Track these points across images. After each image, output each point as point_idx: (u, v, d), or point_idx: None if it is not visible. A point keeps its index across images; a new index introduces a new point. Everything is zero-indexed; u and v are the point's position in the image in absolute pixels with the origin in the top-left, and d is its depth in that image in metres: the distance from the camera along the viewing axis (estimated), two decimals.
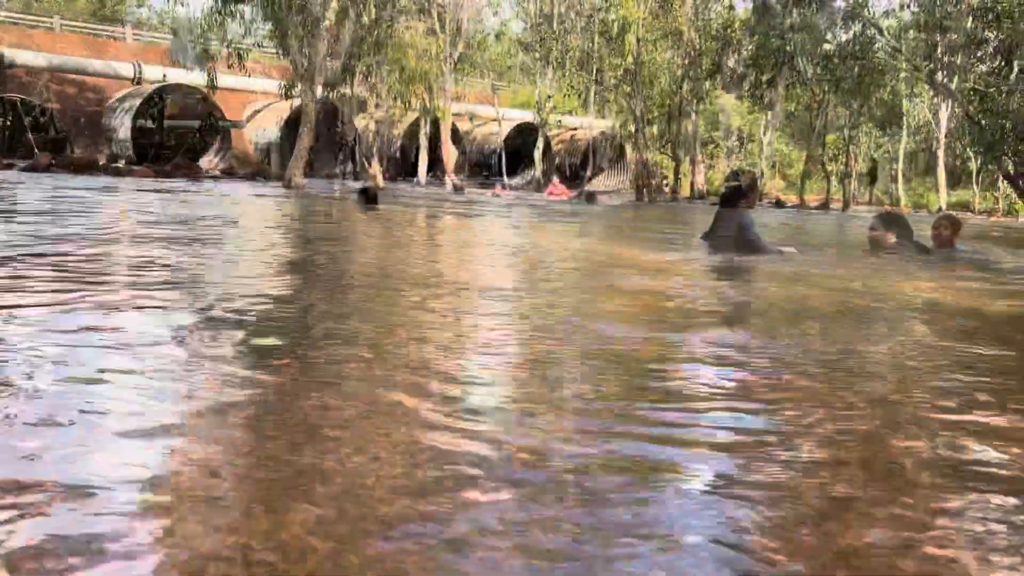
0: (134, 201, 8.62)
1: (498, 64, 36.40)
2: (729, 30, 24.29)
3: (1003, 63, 17.89)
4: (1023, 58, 15.92)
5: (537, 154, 31.37)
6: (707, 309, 3.10)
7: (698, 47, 24.69)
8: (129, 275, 3.22)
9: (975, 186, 35.68)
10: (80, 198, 8.16)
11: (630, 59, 21.99)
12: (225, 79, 21.62)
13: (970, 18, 18.66)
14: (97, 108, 26.16)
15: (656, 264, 5.02)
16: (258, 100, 28.97)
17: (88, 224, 5.22)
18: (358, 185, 14.77)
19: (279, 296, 2.96)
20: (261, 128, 28.61)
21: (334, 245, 5.33)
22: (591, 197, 19.37)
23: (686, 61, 25.31)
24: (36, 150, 19.70)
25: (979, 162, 32.56)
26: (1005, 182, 22.71)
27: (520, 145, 34.35)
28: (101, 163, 19.08)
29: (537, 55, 30.35)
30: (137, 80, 25.72)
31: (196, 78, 18.83)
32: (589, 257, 5.36)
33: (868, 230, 6.32)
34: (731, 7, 25.07)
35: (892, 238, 6.06)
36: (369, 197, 10.58)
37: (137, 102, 24.07)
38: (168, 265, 3.52)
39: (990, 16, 17.86)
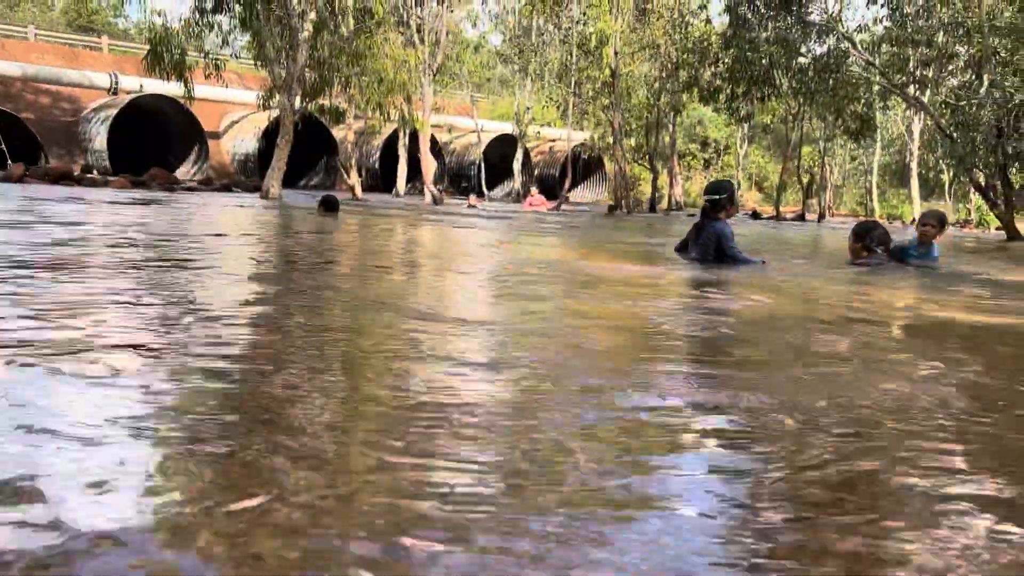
0: (104, 212, 8.54)
1: (477, 76, 36.50)
2: (706, 43, 24.53)
3: (973, 77, 18.18)
4: (993, 72, 16.18)
5: (516, 165, 31.47)
6: (696, 339, 3.11)
7: (675, 60, 24.91)
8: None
9: (948, 198, 36.27)
10: (48, 210, 8.07)
11: (608, 71, 22.13)
12: (202, 90, 21.51)
13: (941, 32, 18.96)
14: (72, 118, 25.94)
15: (637, 279, 5.03)
16: (236, 111, 28.88)
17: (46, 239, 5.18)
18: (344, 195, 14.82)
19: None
20: (239, 139, 28.50)
21: (295, 258, 5.32)
22: (612, 209, 19.08)
23: (663, 74, 25.53)
24: (9, 160, 19.48)
25: (951, 174, 33.12)
26: (976, 194, 23.05)
27: (500, 157, 34.46)
28: (76, 173, 18.89)
29: (516, 67, 30.50)
30: (113, 90, 25.54)
31: (173, 88, 18.70)
32: (566, 273, 5.37)
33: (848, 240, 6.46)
34: (707, 20, 25.31)
35: (868, 248, 6.19)
36: (329, 206, 10.99)
37: (113, 112, 23.89)
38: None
39: (960, 31, 18.16)
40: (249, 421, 1.46)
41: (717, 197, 5.76)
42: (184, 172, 25.84)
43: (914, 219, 31.17)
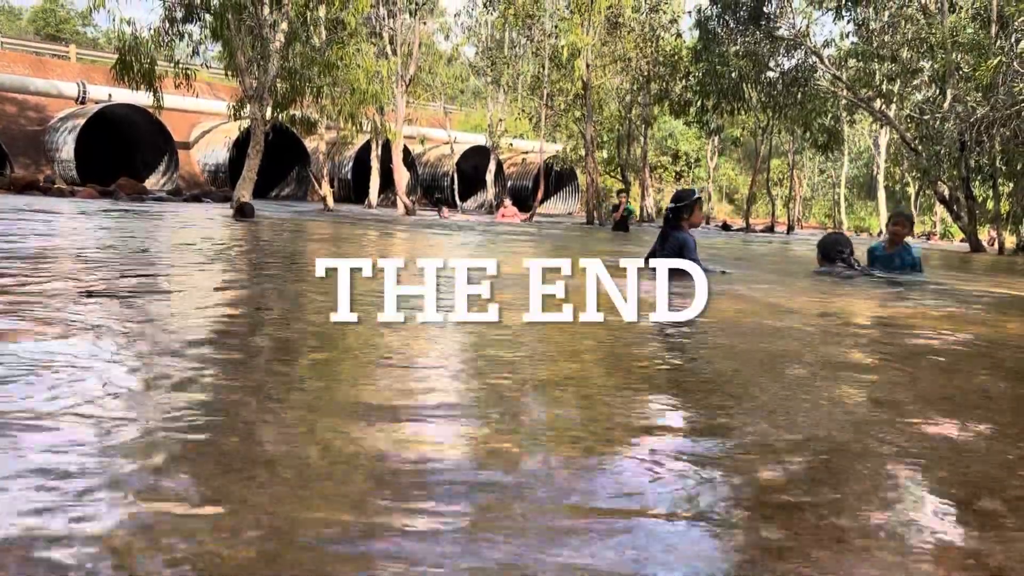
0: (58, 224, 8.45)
1: (450, 88, 36.59)
2: (676, 57, 24.81)
3: (937, 91, 18.56)
4: (956, 87, 16.52)
5: (489, 177, 31.56)
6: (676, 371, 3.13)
7: (646, 73, 25.14)
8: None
9: (914, 210, 36.90)
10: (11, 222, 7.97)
11: (580, 84, 22.27)
12: (172, 99, 21.29)
13: (906, 48, 19.33)
14: (39, 127, 25.60)
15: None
16: (206, 120, 28.67)
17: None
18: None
19: None
20: (209, 149, 28.30)
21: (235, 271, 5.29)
22: (622, 225, 16.51)
23: (635, 87, 25.75)
24: None
25: (917, 187, 33.72)
26: (941, 206, 23.49)
27: (473, 168, 34.53)
28: (41, 183, 18.65)
29: (488, 79, 30.61)
30: (81, 99, 25.28)
31: (142, 98, 18.50)
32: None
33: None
34: (678, 35, 25.60)
35: (830, 261, 6.33)
36: (244, 212, 11.57)
37: (81, 122, 23.61)
38: None
39: (924, 47, 18.54)
40: None
41: (677, 205, 5.84)
42: (153, 182, 25.59)
43: (881, 231, 31.70)
